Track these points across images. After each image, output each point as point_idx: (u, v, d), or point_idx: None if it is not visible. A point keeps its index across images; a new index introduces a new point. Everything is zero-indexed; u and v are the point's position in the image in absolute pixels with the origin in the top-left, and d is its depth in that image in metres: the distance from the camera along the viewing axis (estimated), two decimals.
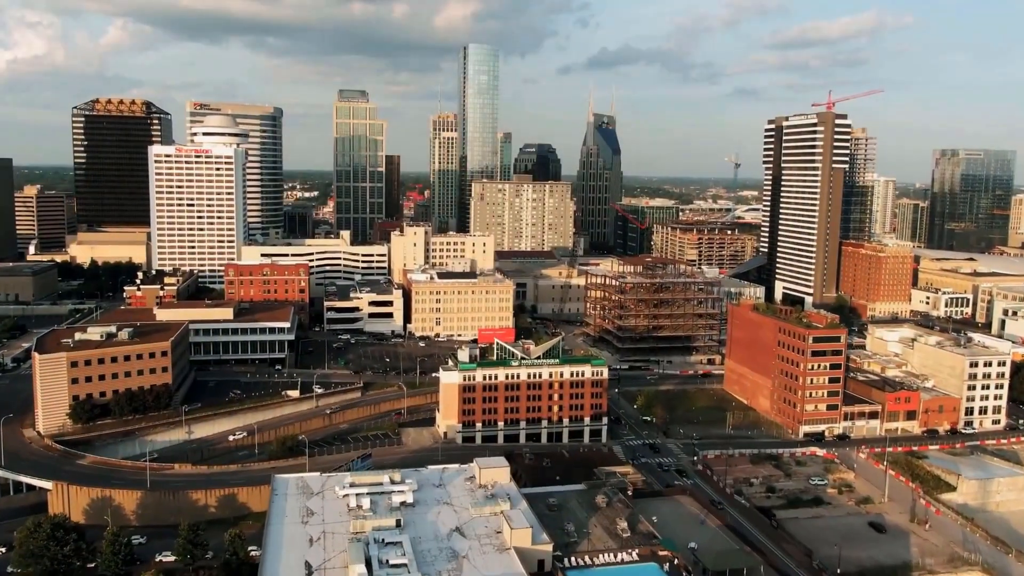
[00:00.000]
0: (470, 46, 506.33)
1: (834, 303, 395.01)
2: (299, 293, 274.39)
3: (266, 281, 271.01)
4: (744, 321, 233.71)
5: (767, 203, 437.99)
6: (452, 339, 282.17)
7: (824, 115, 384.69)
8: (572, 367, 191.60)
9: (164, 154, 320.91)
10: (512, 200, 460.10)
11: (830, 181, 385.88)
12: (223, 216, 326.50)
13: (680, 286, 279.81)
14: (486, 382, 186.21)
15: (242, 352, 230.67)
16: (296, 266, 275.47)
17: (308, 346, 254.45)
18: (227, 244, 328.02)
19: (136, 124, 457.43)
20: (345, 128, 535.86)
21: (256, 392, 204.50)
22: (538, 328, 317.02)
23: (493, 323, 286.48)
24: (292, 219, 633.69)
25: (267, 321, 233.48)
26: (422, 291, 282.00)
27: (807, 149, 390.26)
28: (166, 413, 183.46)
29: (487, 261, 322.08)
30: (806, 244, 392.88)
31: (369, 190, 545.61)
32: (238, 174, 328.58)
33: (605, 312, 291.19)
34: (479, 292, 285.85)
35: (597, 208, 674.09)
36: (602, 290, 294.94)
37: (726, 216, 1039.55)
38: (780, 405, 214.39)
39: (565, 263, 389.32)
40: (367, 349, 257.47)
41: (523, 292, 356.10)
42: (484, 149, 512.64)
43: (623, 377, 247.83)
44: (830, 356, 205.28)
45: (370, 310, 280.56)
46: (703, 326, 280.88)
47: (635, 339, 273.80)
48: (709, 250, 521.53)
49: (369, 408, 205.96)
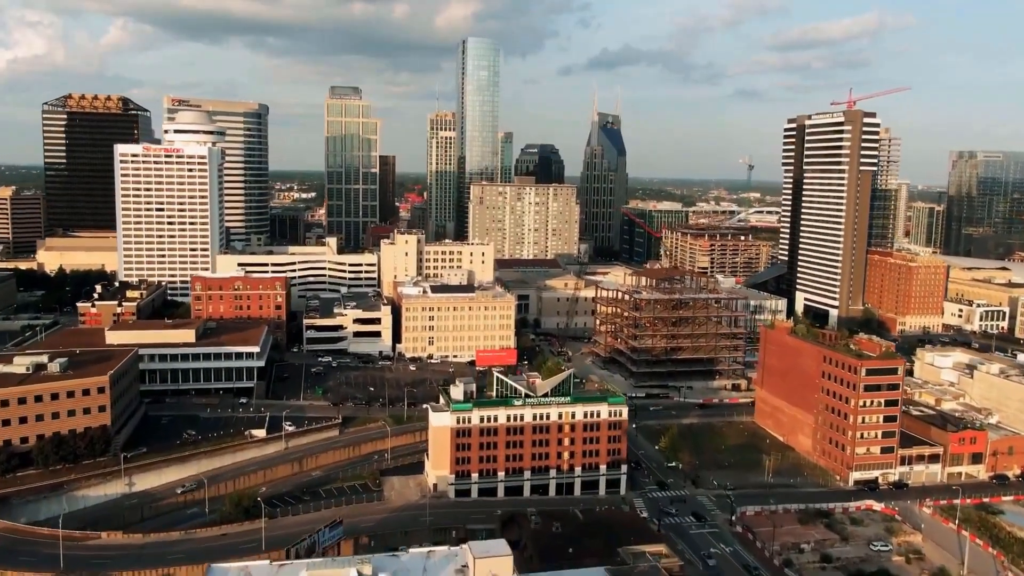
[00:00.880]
0: (469, 40, 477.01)
1: (861, 316, 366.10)
2: (275, 310, 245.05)
3: (238, 296, 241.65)
4: (780, 347, 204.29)
5: (787, 208, 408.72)
6: (447, 361, 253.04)
7: (851, 113, 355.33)
8: (586, 406, 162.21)
9: (130, 153, 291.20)
10: (513, 204, 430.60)
11: (857, 184, 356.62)
12: (196, 222, 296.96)
13: (701, 302, 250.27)
14: (484, 425, 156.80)
15: (204, 380, 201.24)
16: (272, 279, 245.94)
17: (283, 371, 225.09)
18: (201, 253, 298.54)
19: (112, 122, 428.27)
20: (336, 127, 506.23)
21: (215, 432, 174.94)
22: (542, 347, 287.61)
23: (493, 343, 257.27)
24: (282, 223, 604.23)
25: (234, 345, 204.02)
26: (413, 307, 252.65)
27: (832, 150, 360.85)
28: (102, 461, 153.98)
29: (486, 272, 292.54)
30: (831, 253, 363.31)
31: (362, 192, 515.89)
32: (213, 175, 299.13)
33: (617, 330, 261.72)
34: (477, 308, 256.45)
35: (602, 211, 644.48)
36: (613, 305, 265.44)
37: (731, 219, 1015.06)
38: (825, 446, 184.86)
39: (571, 273, 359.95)
40: (350, 375, 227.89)
41: (525, 305, 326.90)
42: (484, 149, 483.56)
43: (639, 407, 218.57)
44: (886, 391, 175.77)
45: (355, 328, 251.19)
46: (726, 347, 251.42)
47: (651, 362, 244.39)
48: (722, 257, 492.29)
49: (347, 450, 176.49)
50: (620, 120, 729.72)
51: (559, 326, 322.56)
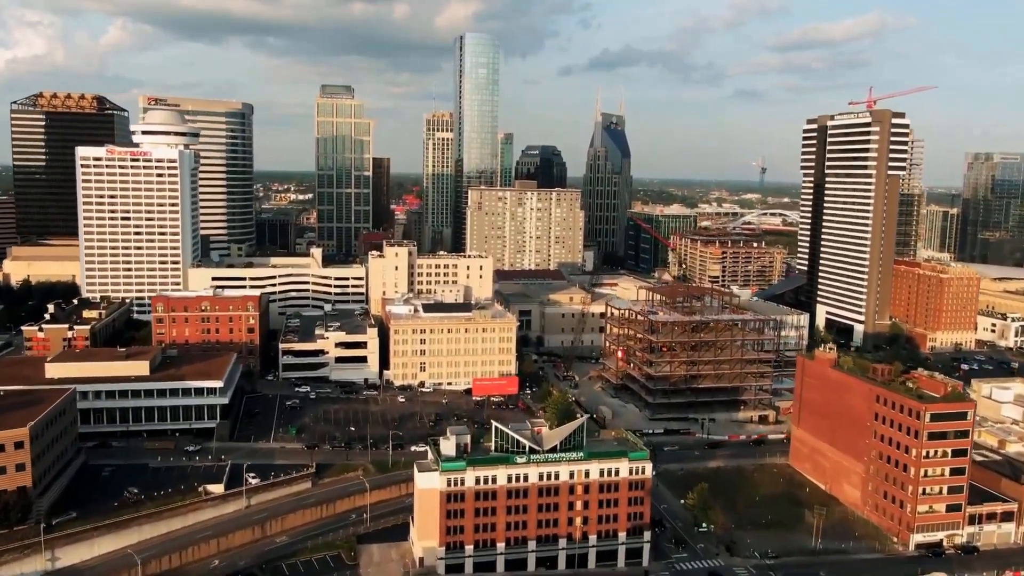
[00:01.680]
0: (467, 35, 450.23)
1: (888, 332, 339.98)
2: (247, 333, 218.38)
3: (205, 318, 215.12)
4: (821, 381, 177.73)
5: (806, 214, 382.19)
6: (440, 389, 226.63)
7: (878, 113, 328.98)
8: (602, 463, 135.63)
9: (92, 157, 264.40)
10: (514, 210, 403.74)
11: (885, 189, 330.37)
12: (166, 232, 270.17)
13: (724, 324, 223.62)
14: (480, 487, 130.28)
15: (159, 420, 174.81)
16: (244, 299, 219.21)
17: (254, 406, 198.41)
18: (171, 266, 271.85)
19: (87, 122, 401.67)
20: (327, 127, 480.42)
21: (164, 487, 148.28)
22: (546, 370, 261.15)
23: (492, 368, 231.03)
24: (273, 227, 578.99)
25: (194, 379, 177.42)
26: (403, 329, 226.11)
27: (858, 152, 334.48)
28: (20, 532, 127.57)
29: (484, 288, 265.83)
30: (856, 263, 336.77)
31: (354, 196, 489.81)
32: (185, 181, 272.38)
33: (629, 354, 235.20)
34: (474, 330, 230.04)
35: (606, 216, 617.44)
36: (625, 326, 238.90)
37: (735, 221, 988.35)
38: (879, 500, 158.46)
39: (576, 286, 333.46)
40: (330, 409, 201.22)
41: (527, 322, 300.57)
42: (483, 151, 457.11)
43: (657, 445, 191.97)
44: (953, 439, 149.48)
45: (338, 353, 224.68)
46: (753, 374, 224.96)
47: (669, 391, 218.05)
48: (734, 265, 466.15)
49: (320, 509, 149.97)
50: (624, 121, 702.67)
51: (563, 344, 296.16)
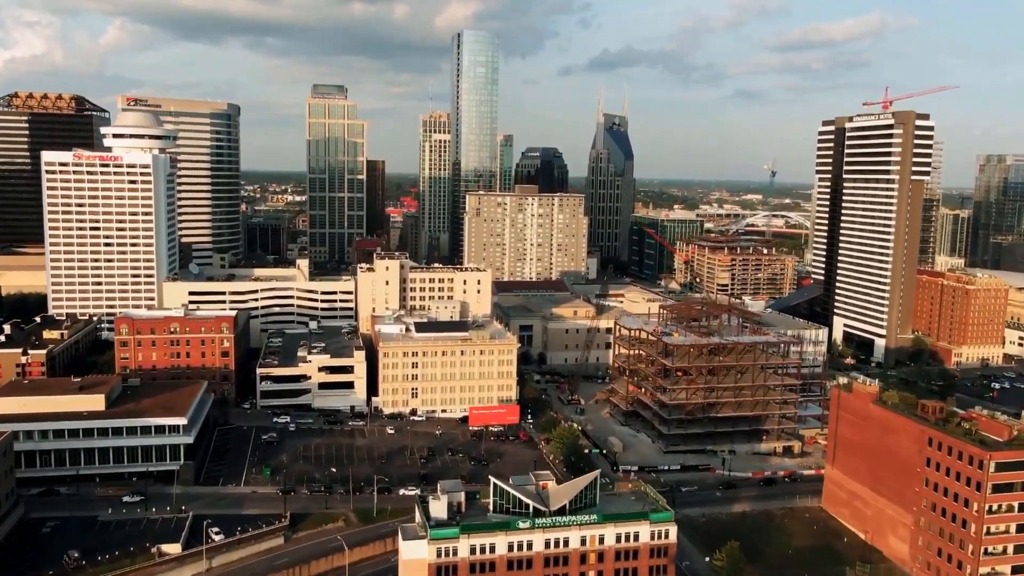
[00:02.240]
0: (465, 32, 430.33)
1: (911, 347, 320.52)
2: (221, 357, 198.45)
3: (174, 341, 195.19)
4: (861, 418, 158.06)
5: (822, 220, 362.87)
6: (433, 417, 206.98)
7: (902, 115, 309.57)
8: (619, 526, 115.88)
9: (57, 162, 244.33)
10: (514, 216, 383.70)
11: (909, 195, 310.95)
12: (138, 243, 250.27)
13: (745, 347, 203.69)
14: (476, 558, 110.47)
15: (115, 462, 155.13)
16: (217, 320, 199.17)
17: (226, 441, 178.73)
18: (144, 280, 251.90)
19: (65, 123, 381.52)
20: (319, 129, 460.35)
21: (113, 548, 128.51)
22: (549, 393, 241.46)
23: (490, 393, 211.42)
24: (264, 232, 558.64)
25: (155, 415, 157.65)
26: (394, 352, 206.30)
27: (880, 156, 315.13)
28: None
29: (482, 303, 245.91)
30: (877, 273, 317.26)
31: (347, 201, 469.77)
32: (159, 188, 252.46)
33: (640, 377, 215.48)
34: (472, 352, 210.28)
35: (608, 219, 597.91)
36: (636, 347, 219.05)
37: (737, 222, 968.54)
38: (931, 558, 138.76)
39: (580, 298, 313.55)
40: (311, 444, 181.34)
41: (528, 337, 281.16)
42: (481, 153, 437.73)
43: (674, 485, 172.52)
44: (1022, 492, 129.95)
45: (322, 378, 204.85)
46: (776, 401, 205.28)
47: (684, 421, 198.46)
48: (743, 272, 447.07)
49: (292, 572, 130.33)
50: (627, 121, 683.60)
51: (568, 362, 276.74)
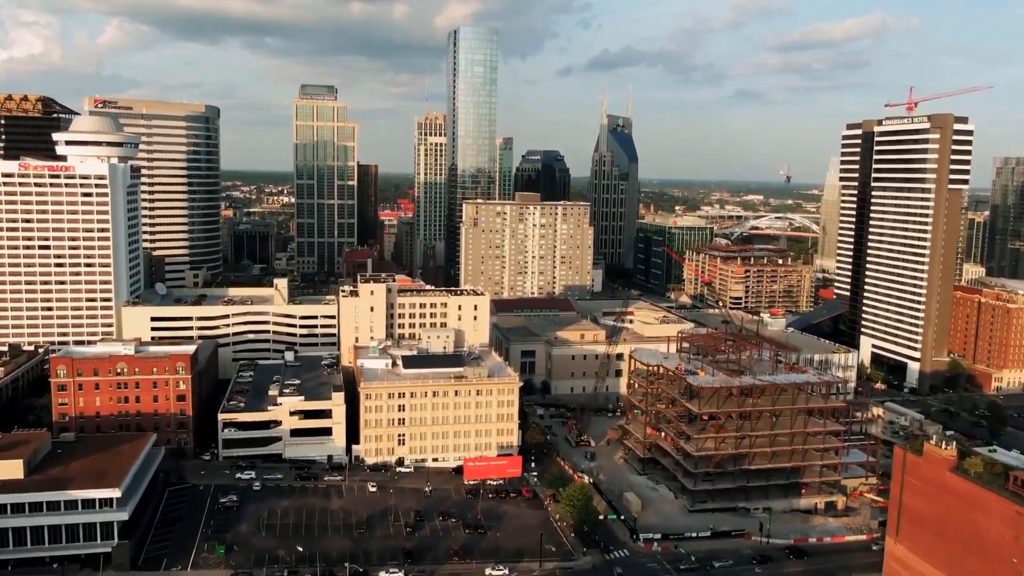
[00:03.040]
0: (461, 30, 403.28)
1: (947, 370, 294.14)
2: (177, 402, 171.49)
3: (121, 384, 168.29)
4: (935, 488, 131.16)
5: (848, 231, 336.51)
6: (423, 468, 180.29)
7: (939, 118, 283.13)
8: None
9: (2, 172, 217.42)
10: (515, 226, 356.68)
11: (946, 206, 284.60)
12: (94, 263, 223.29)
13: (782, 388, 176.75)
14: None
15: (34, 543, 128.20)
16: (171, 358, 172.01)
17: (177, 505, 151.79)
18: (101, 305, 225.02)
19: (31, 126, 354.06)
20: (307, 132, 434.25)
21: None
22: (556, 432, 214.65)
23: (489, 439, 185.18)
24: (252, 239, 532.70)
25: (84, 485, 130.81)
26: (377, 393, 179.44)
27: (914, 163, 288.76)
28: None
29: (480, 332, 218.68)
30: (911, 289, 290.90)
31: (337, 208, 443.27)
32: (118, 201, 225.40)
33: (659, 419, 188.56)
34: (467, 393, 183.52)
35: (612, 225, 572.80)
36: (655, 384, 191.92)
37: (740, 224, 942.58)
38: None
39: (587, 318, 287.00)
40: (277, 507, 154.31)
41: (531, 364, 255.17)
42: (479, 158, 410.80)
43: (704, 559, 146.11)
44: None
45: (294, 424, 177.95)
46: (817, 449, 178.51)
47: (713, 474, 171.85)
48: (758, 284, 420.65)
49: None
50: (631, 123, 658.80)
51: (575, 391, 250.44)
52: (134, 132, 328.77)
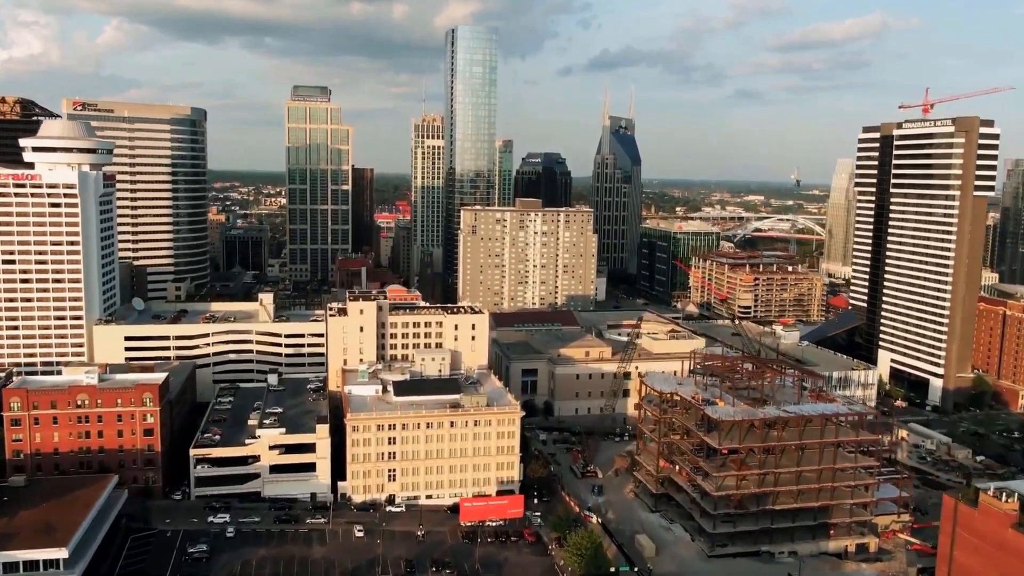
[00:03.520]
0: (459, 29, 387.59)
1: (971, 387, 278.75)
2: (144, 437, 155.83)
3: (82, 418, 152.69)
4: (993, 545, 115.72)
5: (865, 239, 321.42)
6: (415, 507, 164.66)
7: (964, 121, 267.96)
8: None
9: None
10: (515, 234, 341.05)
11: (972, 214, 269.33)
12: (63, 279, 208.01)
13: (810, 419, 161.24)
14: None
15: None
16: (138, 388, 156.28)
17: (139, 556, 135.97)
18: (71, 324, 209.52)
19: (7, 131, 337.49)
20: (299, 134, 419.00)
21: None
22: (560, 460, 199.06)
23: (487, 474, 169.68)
24: (244, 245, 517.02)
25: (27, 543, 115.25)
26: (366, 425, 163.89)
27: (938, 168, 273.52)
28: None
29: (478, 353, 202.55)
30: (933, 301, 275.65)
31: (331, 214, 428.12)
32: (89, 210, 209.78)
33: (673, 451, 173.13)
34: (463, 424, 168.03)
35: (614, 229, 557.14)
36: (670, 412, 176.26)
37: (742, 225, 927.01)
38: None
39: (592, 333, 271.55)
40: (252, 558, 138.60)
41: (532, 383, 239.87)
42: (478, 162, 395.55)
43: None
44: None
45: (274, 459, 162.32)
46: (848, 487, 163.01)
47: (733, 514, 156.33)
48: (767, 293, 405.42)
49: None
50: (634, 125, 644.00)
51: (579, 412, 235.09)
52: (116, 136, 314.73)
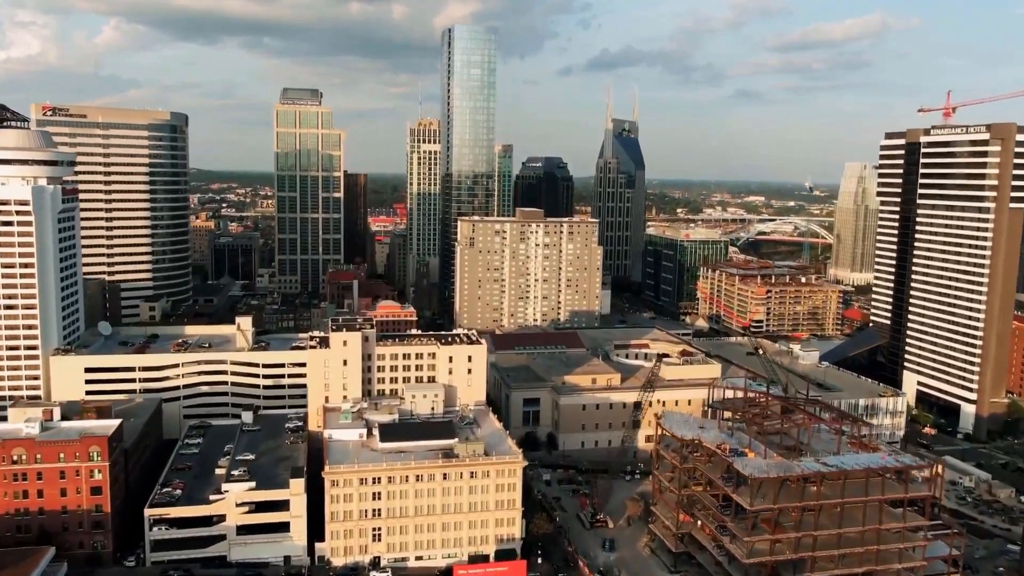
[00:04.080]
0: (456, 28, 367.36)
1: (1005, 412, 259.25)
2: (91, 496, 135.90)
3: (19, 475, 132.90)
4: None
5: (889, 252, 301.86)
6: (404, 570, 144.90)
7: (1000, 128, 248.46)
8: None
9: None
10: (515, 246, 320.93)
11: (1007, 226, 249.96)
12: (16, 303, 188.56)
13: (853, 473, 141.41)
14: None
15: None
16: (84, 441, 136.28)
17: None
18: (25, 354, 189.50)
19: None
20: (288, 139, 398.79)
21: None
22: (566, 507, 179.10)
23: (485, 532, 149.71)
24: (233, 254, 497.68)
25: None
26: (347, 479, 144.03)
27: (970, 178, 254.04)
28: None
29: (475, 387, 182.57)
30: (966, 320, 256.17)
31: (321, 223, 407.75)
32: (45, 228, 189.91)
33: (693, 503, 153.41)
34: (458, 476, 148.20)
35: (618, 235, 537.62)
36: (690, 458, 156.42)
37: (743, 227, 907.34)
38: None
39: (598, 357, 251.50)
40: None
41: (534, 413, 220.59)
42: (476, 168, 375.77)
43: None
44: None
45: (243, 518, 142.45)
46: (895, 550, 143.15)
47: None
48: (780, 306, 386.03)
49: None
50: (637, 127, 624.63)
51: (586, 446, 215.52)
52: (90, 144, 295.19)
